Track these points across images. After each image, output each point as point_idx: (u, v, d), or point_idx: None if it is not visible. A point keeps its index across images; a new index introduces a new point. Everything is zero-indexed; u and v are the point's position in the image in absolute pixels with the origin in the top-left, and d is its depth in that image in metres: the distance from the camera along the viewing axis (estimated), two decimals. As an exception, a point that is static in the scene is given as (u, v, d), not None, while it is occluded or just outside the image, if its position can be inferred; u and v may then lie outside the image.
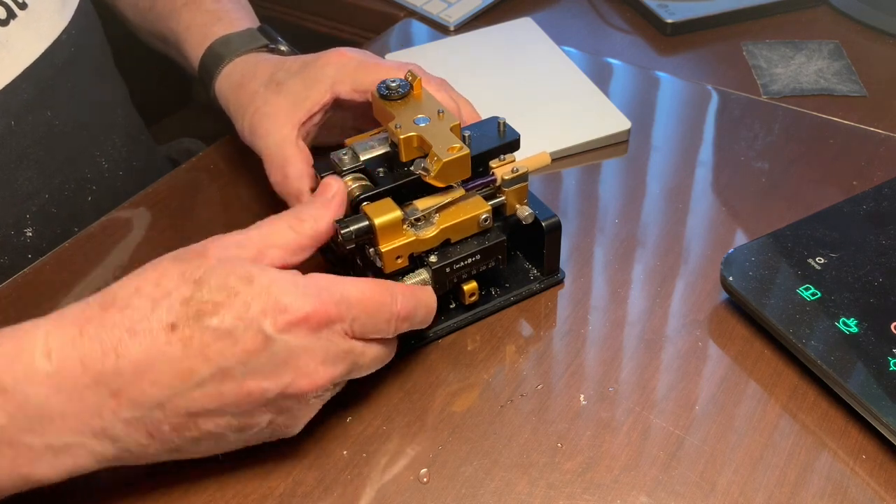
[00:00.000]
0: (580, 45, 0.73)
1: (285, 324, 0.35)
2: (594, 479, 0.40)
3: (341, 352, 0.37)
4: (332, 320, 0.36)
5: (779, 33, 0.74)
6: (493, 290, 0.49)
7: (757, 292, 0.45)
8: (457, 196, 0.44)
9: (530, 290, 0.49)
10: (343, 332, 0.37)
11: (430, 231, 0.43)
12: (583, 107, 0.63)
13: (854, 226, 0.49)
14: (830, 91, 0.66)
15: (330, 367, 0.36)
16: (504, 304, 0.48)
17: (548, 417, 0.42)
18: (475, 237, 0.45)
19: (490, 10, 0.79)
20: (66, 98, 0.58)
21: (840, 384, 0.41)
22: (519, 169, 0.45)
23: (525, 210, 0.46)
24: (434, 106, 0.44)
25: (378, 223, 0.41)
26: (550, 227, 0.47)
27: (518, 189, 0.45)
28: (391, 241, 0.42)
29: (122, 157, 0.63)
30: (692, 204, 0.55)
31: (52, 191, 0.57)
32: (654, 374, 0.44)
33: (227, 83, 0.54)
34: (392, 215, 0.41)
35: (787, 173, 0.57)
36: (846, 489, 0.39)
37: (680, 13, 0.74)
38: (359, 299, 0.37)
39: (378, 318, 0.38)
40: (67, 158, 0.58)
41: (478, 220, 0.44)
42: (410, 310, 0.40)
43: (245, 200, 0.57)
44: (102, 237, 0.55)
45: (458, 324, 0.47)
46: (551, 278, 0.49)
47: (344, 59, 0.49)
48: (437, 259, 0.43)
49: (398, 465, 0.40)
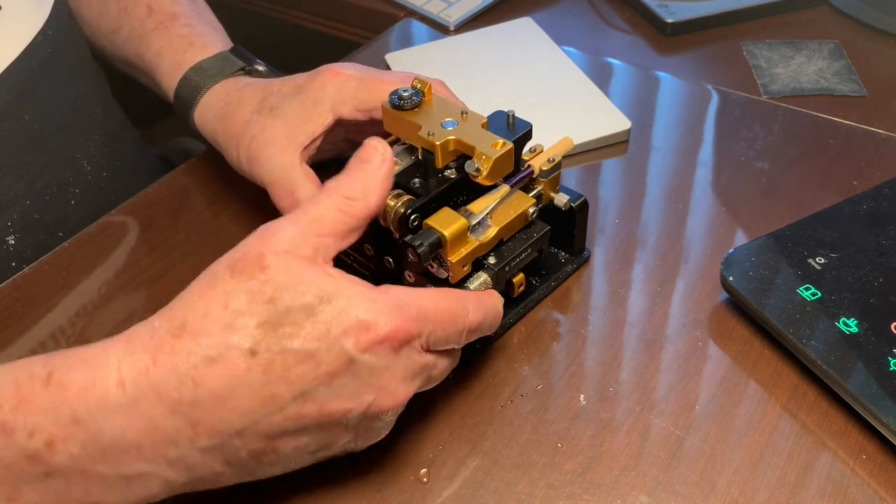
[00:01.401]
0: (580, 45, 0.73)
1: (368, 343, 0.33)
2: (594, 479, 0.40)
3: (419, 367, 0.36)
4: (412, 337, 0.35)
5: (779, 33, 0.74)
6: (534, 280, 0.49)
7: (757, 292, 0.45)
8: (505, 193, 0.43)
9: (565, 272, 0.50)
10: (420, 347, 0.36)
11: (489, 233, 0.42)
12: (583, 107, 0.63)
13: (854, 226, 0.49)
14: (830, 91, 0.66)
15: (410, 384, 0.36)
16: (547, 291, 0.49)
17: (548, 417, 0.42)
18: (522, 231, 0.45)
19: (490, 10, 0.79)
20: (43, 101, 0.56)
21: (840, 384, 0.41)
22: (555, 158, 0.46)
23: (562, 197, 0.47)
24: (454, 108, 0.43)
25: (448, 234, 0.40)
26: (581, 206, 0.48)
27: (553, 178, 0.47)
28: (458, 250, 0.41)
29: (104, 157, 0.62)
30: (692, 204, 0.55)
31: (33, 196, 0.56)
32: (654, 374, 0.44)
33: (210, 113, 0.52)
34: (459, 224, 0.40)
35: (787, 173, 0.57)
36: (846, 489, 0.39)
37: (680, 13, 0.74)
38: (434, 312, 0.36)
39: (451, 330, 0.37)
40: (47, 162, 0.57)
41: (526, 214, 0.44)
42: (481, 319, 0.39)
43: (245, 201, 0.57)
44: (102, 237, 0.55)
45: (513, 318, 0.47)
46: (580, 258, 0.50)
47: (341, 79, 0.48)
48: (496, 260, 0.43)
49: (398, 465, 0.40)
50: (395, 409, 0.36)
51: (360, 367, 0.34)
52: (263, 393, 0.33)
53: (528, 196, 0.45)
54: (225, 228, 0.55)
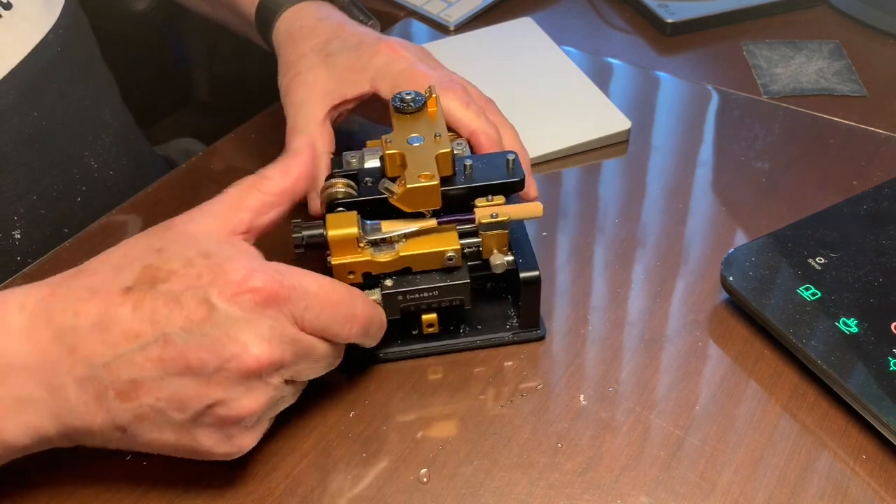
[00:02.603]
0: (580, 45, 0.73)
1: (231, 294, 0.35)
2: (594, 479, 0.40)
3: (287, 336, 0.36)
4: (279, 300, 0.35)
5: (779, 33, 0.74)
6: (463, 329, 0.46)
7: (757, 292, 0.45)
8: (427, 226, 0.42)
9: (501, 339, 0.46)
10: (292, 317, 0.36)
11: (388, 256, 0.42)
12: (583, 107, 0.63)
13: (854, 226, 0.49)
14: (830, 91, 0.66)
15: (276, 348, 0.35)
16: (468, 345, 0.46)
17: (548, 417, 0.42)
18: (440, 272, 0.43)
19: (490, 10, 0.79)
20: (52, 99, 0.57)
21: (840, 384, 0.41)
22: (499, 215, 0.42)
23: (500, 258, 0.43)
24: (436, 128, 0.43)
25: (331, 235, 0.40)
26: (527, 280, 0.43)
27: (497, 235, 0.43)
28: (344, 255, 0.41)
29: (111, 157, 0.62)
30: (692, 204, 0.55)
31: (40, 192, 0.57)
32: (654, 374, 0.44)
33: (284, 32, 0.53)
34: (347, 231, 0.40)
35: (787, 173, 0.57)
36: (846, 489, 0.39)
37: (680, 13, 0.74)
38: (315, 292, 0.37)
39: (335, 314, 0.37)
40: (55, 160, 0.57)
41: (442, 256, 0.42)
42: (368, 319, 0.39)
43: (245, 200, 0.57)
44: (102, 237, 0.55)
45: (412, 352, 0.45)
46: (528, 332, 0.46)
47: (393, 56, 0.48)
48: (391, 284, 0.42)
49: (398, 465, 0.40)
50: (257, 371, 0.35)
51: (221, 317, 0.34)
52: (129, 327, 0.35)
53: (456, 240, 0.42)
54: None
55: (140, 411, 0.35)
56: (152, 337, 0.34)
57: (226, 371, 0.35)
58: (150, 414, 0.35)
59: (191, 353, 0.34)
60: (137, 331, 0.34)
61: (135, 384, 0.35)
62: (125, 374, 0.35)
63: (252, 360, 0.35)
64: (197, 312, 0.34)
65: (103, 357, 0.35)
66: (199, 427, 0.36)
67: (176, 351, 0.34)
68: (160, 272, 0.35)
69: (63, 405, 0.35)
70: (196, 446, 0.37)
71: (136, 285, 0.35)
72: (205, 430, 0.36)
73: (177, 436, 0.36)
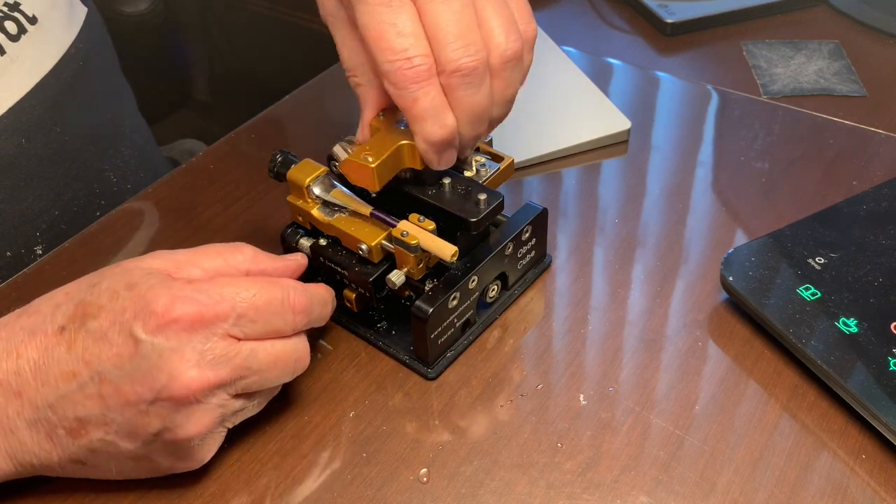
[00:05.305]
0: (580, 45, 0.73)
1: (155, 326, 0.34)
2: (594, 478, 0.40)
3: (221, 355, 0.35)
4: (206, 322, 0.35)
5: (779, 33, 0.74)
6: (385, 326, 0.46)
7: (757, 292, 0.45)
8: (359, 210, 0.43)
9: (396, 354, 0.45)
10: (225, 333, 0.36)
11: (324, 218, 0.44)
12: (583, 107, 0.63)
13: (854, 226, 0.49)
14: (830, 91, 0.66)
15: (208, 371, 0.35)
16: (372, 342, 0.46)
17: (548, 417, 0.42)
18: (359, 258, 0.44)
19: (490, 11, 0.78)
20: (75, 112, 0.57)
21: (840, 384, 0.41)
22: (409, 235, 0.41)
23: (397, 275, 0.42)
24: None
25: (288, 175, 0.44)
26: (415, 313, 0.41)
27: (402, 253, 0.42)
28: (296, 199, 0.45)
29: (130, 170, 0.63)
30: (692, 204, 0.55)
31: (61, 208, 0.57)
32: (654, 374, 0.44)
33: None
34: (299, 176, 0.44)
35: (787, 173, 0.57)
36: (846, 489, 0.39)
37: (680, 13, 0.74)
38: (244, 298, 0.36)
39: (271, 313, 0.37)
40: (77, 175, 0.58)
41: (356, 244, 0.43)
42: (305, 303, 0.39)
43: (245, 201, 0.57)
44: (102, 237, 0.55)
45: (339, 322, 0.47)
46: (418, 364, 0.44)
47: None
48: (324, 244, 0.45)
49: (398, 465, 0.40)
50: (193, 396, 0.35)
51: (148, 349, 0.34)
52: (66, 369, 0.35)
53: (377, 236, 0.42)
54: (226, 229, 0.55)
55: (93, 446, 0.36)
56: (88, 376, 0.35)
57: (161, 401, 0.35)
58: (102, 447, 0.36)
59: (126, 387, 0.35)
60: (73, 371, 0.35)
61: (81, 422, 0.35)
62: (70, 412, 0.35)
63: (181, 388, 0.35)
64: (125, 348, 0.35)
65: (46, 398, 0.35)
66: (153, 452, 0.37)
67: (112, 387, 0.35)
68: (90, 307, 0.36)
69: (18, 446, 0.36)
70: (156, 467, 0.38)
71: (69, 324, 0.36)
72: (159, 453, 0.37)
73: (134, 462, 0.37)
